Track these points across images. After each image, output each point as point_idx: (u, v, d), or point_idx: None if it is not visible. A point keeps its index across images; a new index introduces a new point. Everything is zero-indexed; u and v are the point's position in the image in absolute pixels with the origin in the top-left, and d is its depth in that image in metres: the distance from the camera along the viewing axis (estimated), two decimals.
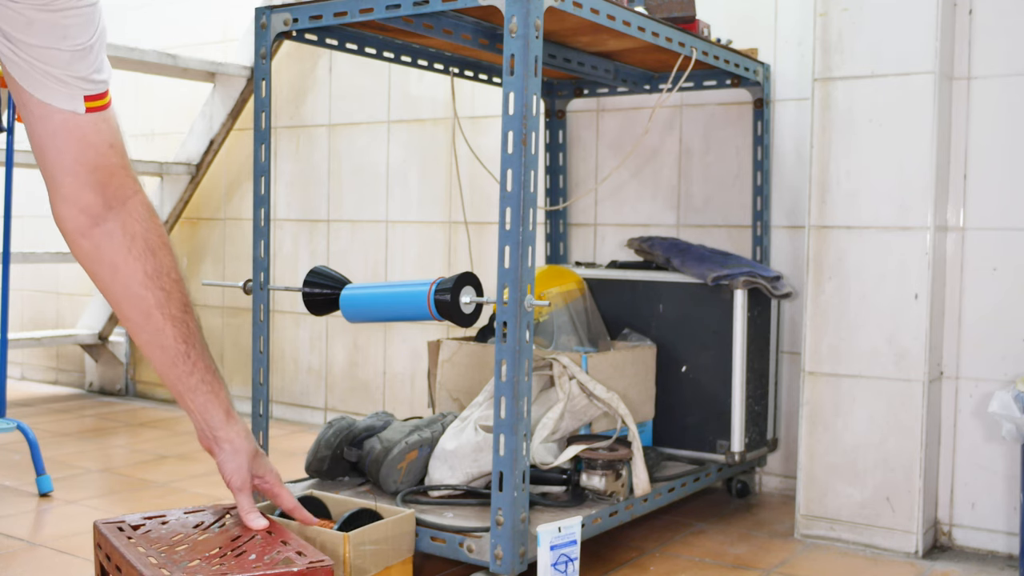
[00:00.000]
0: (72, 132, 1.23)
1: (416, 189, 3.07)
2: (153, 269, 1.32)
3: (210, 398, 1.36)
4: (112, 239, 1.31)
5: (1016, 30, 2.02)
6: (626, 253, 2.59)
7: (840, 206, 2.06)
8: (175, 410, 3.49)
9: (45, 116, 1.22)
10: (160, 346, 1.34)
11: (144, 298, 1.32)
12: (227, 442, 1.38)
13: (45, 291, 4.18)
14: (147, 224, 1.33)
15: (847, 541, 2.06)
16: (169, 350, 1.34)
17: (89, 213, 1.29)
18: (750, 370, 2.23)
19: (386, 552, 1.57)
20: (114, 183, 1.29)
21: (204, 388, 1.36)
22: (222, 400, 1.37)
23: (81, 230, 1.30)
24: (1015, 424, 1.77)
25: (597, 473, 1.87)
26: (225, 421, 1.38)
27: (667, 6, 2.09)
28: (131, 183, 1.32)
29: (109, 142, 1.27)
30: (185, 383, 1.35)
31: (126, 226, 1.31)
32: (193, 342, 1.35)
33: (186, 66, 3.34)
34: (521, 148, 1.57)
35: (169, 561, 1.28)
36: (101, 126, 1.25)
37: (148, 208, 1.34)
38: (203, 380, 1.36)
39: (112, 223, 1.30)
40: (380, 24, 1.90)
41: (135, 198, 1.32)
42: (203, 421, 1.37)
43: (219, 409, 1.37)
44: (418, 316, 1.73)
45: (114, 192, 1.30)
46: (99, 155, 1.27)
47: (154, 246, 1.33)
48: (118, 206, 1.31)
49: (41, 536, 2.03)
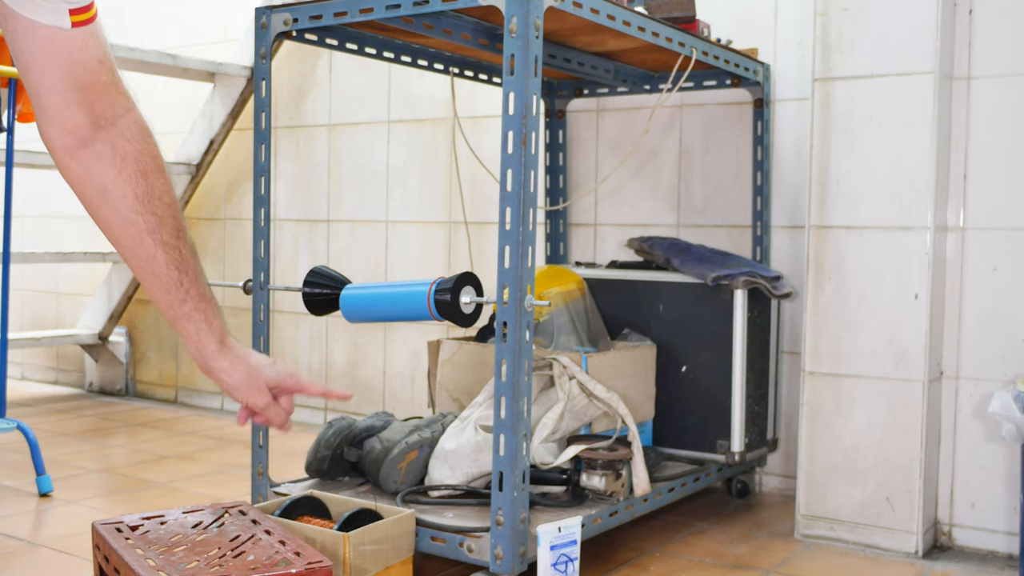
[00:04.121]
0: (57, 48, 1.16)
1: (416, 189, 3.07)
2: (144, 192, 1.25)
3: (203, 326, 1.31)
4: (102, 160, 1.23)
5: (1016, 30, 2.02)
6: (626, 253, 2.59)
7: (840, 206, 2.06)
8: (175, 410, 3.49)
9: (28, 33, 1.15)
10: (152, 272, 1.28)
11: (135, 223, 1.25)
12: (222, 372, 1.34)
13: (45, 291, 4.18)
14: (139, 145, 1.25)
15: (847, 541, 2.06)
16: (161, 277, 1.28)
17: (76, 134, 1.22)
18: (750, 370, 2.23)
19: (386, 552, 1.57)
20: (104, 101, 1.22)
21: (197, 316, 1.31)
22: (215, 328, 1.33)
23: (69, 151, 1.23)
24: (1015, 424, 1.77)
25: (597, 473, 1.87)
26: (218, 350, 1.33)
27: (667, 6, 2.09)
28: (123, 101, 1.24)
29: (98, 58, 1.20)
30: (178, 310, 1.30)
31: (116, 147, 1.24)
32: (186, 269, 1.29)
33: (186, 66, 3.34)
34: (521, 148, 1.56)
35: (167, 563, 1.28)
36: (88, 41, 1.18)
37: (141, 127, 1.27)
38: (196, 308, 1.30)
39: (101, 144, 1.23)
40: (380, 24, 1.90)
41: (127, 116, 1.25)
42: (197, 349, 1.33)
43: (212, 338, 1.32)
44: (418, 316, 1.73)
45: (103, 111, 1.22)
46: (87, 72, 1.20)
47: (146, 168, 1.26)
48: (108, 126, 1.23)
49: (41, 536, 2.03)
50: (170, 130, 3.71)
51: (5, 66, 2.31)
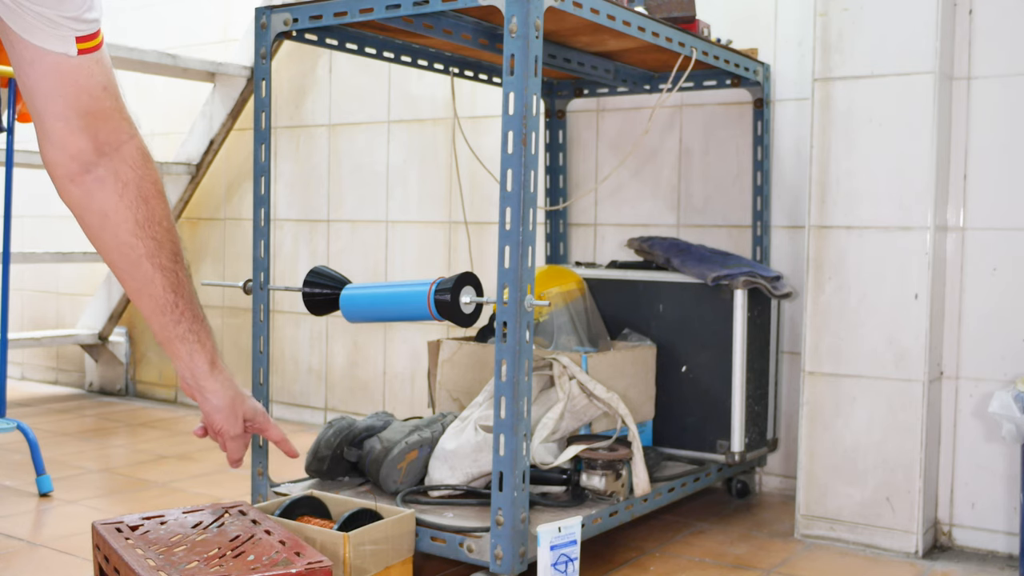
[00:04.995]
0: (63, 75, 1.18)
1: (416, 189, 3.07)
2: (145, 218, 1.28)
3: (196, 347, 1.34)
4: (103, 186, 1.26)
5: (1016, 30, 2.02)
6: (626, 253, 2.59)
7: (840, 206, 2.06)
8: (175, 410, 3.49)
9: (35, 60, 1.16)
10: (149, 295, 1.31)
11: (134, 247, 1.28)
12: (211, 392, 1.37)
13: (45, 291, 4.18)
14: (141, 171, 1.28)
15: (847, 541, 2.06)
16: (158, 299, 1.31)
17: (80, 160, 1.23)
18: (750, 370, 2.23)
19: (386, 552, 1.57)
20: (107, 128, 1.24)
21: (191, 337, 1.34)
22: (208, 350, 1.35)
23: (71, 176, 1.25)
24: (1015, 424, 1.77)
25: (597, 473, 1.87)
26: (209, 371, 1.36)
27: (667, 6, 2.09)
28: (126, 127, 1.26)
29: (103, 84, 1.22)
30: (172, 331, 1.33)
31: (119, 173, 1.26)
32: (182, 292, 1.32)
33: (186, 66, 3.34)
34: (521, 148, 1.56)
35: (167, 563, 1.28)
36: (94, 68, 1.20)
37: (143, 154, 1.29)
38: (190, 329, 1.33)
39: (104, 169, 1.25)
40: (380, 24, 1.90)
41: (130, 143, 1.27)
42: (188, 370, 1.36)
43: (204, 359, 1.35)
44: (418, 316, 1.73)
45: (107, 137, 1.24)
46: (92, 99, 1.21)
47: (147, 194, 1.28)
48: (111, 152, 1.25)
49: (41, 536, 2.03)
50: (170, 130, 3.71)
51: (5, 66, 2.31)
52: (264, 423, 1.45)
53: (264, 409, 1.46)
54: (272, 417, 1.59)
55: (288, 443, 1.50)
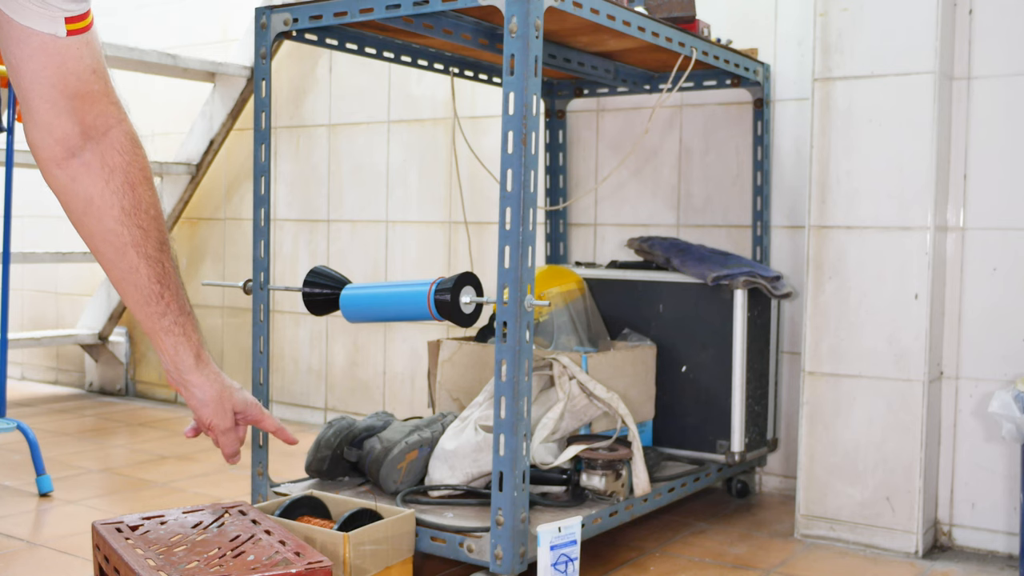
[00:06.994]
0: (51, 56, 1.14)
1: (416, 189, 3.07)
2: (131, 205, 1.24)
3: (181, 340, 1.31)
4: (89, 171, 1.22)
5: (1016, 30, 2.02)
6: (626, 253, 2.59)
7: (840, 206, 2.06)
8: (175, 410, 3.49)
9: (22, 39, 1.13)
10: (134, 285, 1.28)
11: (120, 235, 1.25)
12: (196, 386, 1.34)
13: (45, 291, 4.18)
14: (129, 157, 1.24)
15: (847, 541, 2.06)
16: (143, 289, 1.28)
17: (65, 144, 1.20)
18: (750, 370, 2.23)
19: (386, 552, 1.57)
20: (94, 111, 1.20)
21: (176, 330, 1.31)
22: (193, 343, 1.33)
23: (56, 160, 1.21)
24: (1015, 424, 1.77)
25: (597, 473, 1.87)
26: (195, 365, 1.33)
27: (667, 6, 2.09)
28: (114, 111, 1.23)
29: (91, 67, 1.18)
30: (157, 323, 1.30)
31: (105, 158, 1.23)
32: (167, 282, 1.29)
33: (186, 66, 3.34)
34: (521, 148, 1.56)
35: (167, 563, 1.28)
36: (83, 50, 1.16)
37: (132, 139, 1.25)
38: (175, 322, 1.30)
39: (90, 154, 1.22)
40: (380, 24, 1.90)
41: (118, 128, 1.23)
42: (172, 363, 1.33)
43: (189, 352, 1.32)
44: (418, 316, 1.73)
45: (94, 121, 1.21)
46: (80, 81, 1.18)
47: (135, 181, 1.25)
48: (98, 136, 1.22)
49: (41, 536, 2.03)
50: (170, 130, 3.71)
51: (5, 66, 2.31)
52: (258, 414, 1.42)
53: (257, 401, 1.43)
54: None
55: (285, 431, 1.46)
